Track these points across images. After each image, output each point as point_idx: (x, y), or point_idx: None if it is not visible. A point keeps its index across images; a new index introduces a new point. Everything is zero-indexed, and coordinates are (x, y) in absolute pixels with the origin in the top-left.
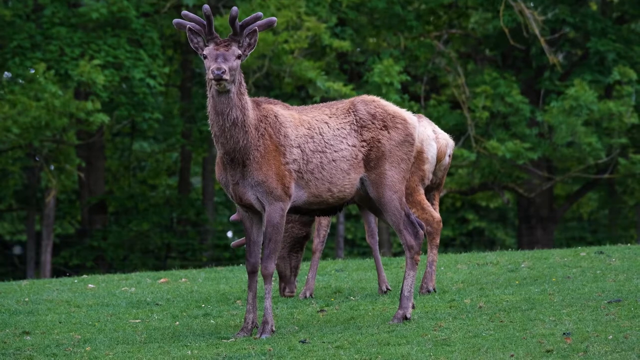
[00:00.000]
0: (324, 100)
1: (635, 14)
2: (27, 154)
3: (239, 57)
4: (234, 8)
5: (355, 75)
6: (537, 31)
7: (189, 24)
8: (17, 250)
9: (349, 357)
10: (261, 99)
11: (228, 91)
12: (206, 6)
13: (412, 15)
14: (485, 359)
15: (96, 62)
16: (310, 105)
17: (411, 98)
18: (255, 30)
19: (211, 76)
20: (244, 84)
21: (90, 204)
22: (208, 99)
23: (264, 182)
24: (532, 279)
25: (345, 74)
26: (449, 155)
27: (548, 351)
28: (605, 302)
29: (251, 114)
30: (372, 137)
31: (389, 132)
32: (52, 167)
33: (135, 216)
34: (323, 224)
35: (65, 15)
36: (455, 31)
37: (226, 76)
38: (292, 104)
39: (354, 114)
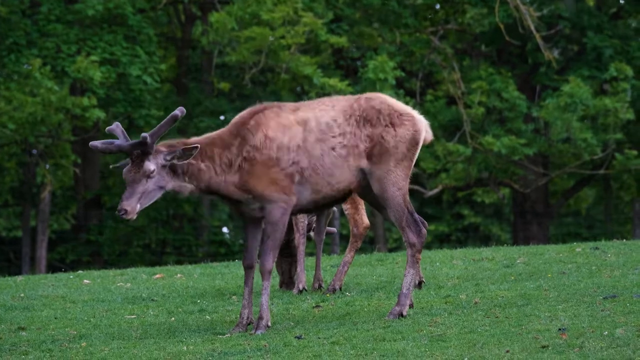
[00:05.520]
0: (319, 96)
1: (631, 10)
2: (23, 150)
3: (151, 173)
4: (117, 142)
5: (351, 71)
6: (532, 27)
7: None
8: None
9: (345, 352)
10: (247, 116)
11: (164, 190)
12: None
13: (408, 12)
14: (480, 354)
15: (93, 58)
16: (311, 100)
17: (407, 94)
18: (182, 152)
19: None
20: (182, 164)
21: (85, 199)
22: None
23: (252, 191)
24: (527, 275)
25: (341, 69)
26: None
27: (543, 347)
28: (601, 297)
29: (206, 165)
30: (377, 133)
31: (395, 130)
32: (48, 166)
33: None
34: (298, 216)
35: (62, 12)
36: (451, 27)
37: (127, 216)
38: (288, 100)
39: (359, 109)
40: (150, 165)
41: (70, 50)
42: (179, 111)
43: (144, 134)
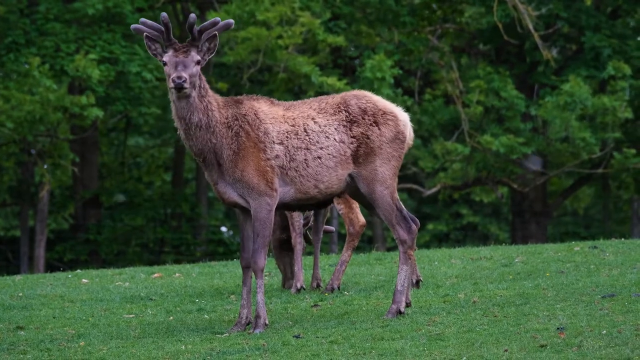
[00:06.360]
0: (318, 95)
1: (629, 9)
2: (21, 149)
3: (197, 62)
4: (192, 15)
5: (349, 70)
6: (530, 26)
7: (146, 32)
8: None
9: (343, 352)
10: (243, 96)
11: (188, 96)
12: (164, 14)
13: (406, 10)
14: (479, 353)
15: (92, 56)
16: (301, 101)
17: (405, 92)
18: (215, 35)
19: (172, 85)
20: (205, 86)
21: (84, 198)
22: (171, 105)
23: (241, 179)
24: (525, 274)
25: (339, 68)
26: None
27: (542, 346)
28: (599, 296)
29: (217, 114)
30: (362, 133)
31: (379, 129)
32: (46, 166)
33: (130, 211)
34: (294, 215)
35: (60, 11)
36: (449, 26)
37: (186, 84)
38: (286, 99)
39: (345, 110)
40: (196, 55)
41: (69, 49)
42: (232, 21)
43: (192, 14)
